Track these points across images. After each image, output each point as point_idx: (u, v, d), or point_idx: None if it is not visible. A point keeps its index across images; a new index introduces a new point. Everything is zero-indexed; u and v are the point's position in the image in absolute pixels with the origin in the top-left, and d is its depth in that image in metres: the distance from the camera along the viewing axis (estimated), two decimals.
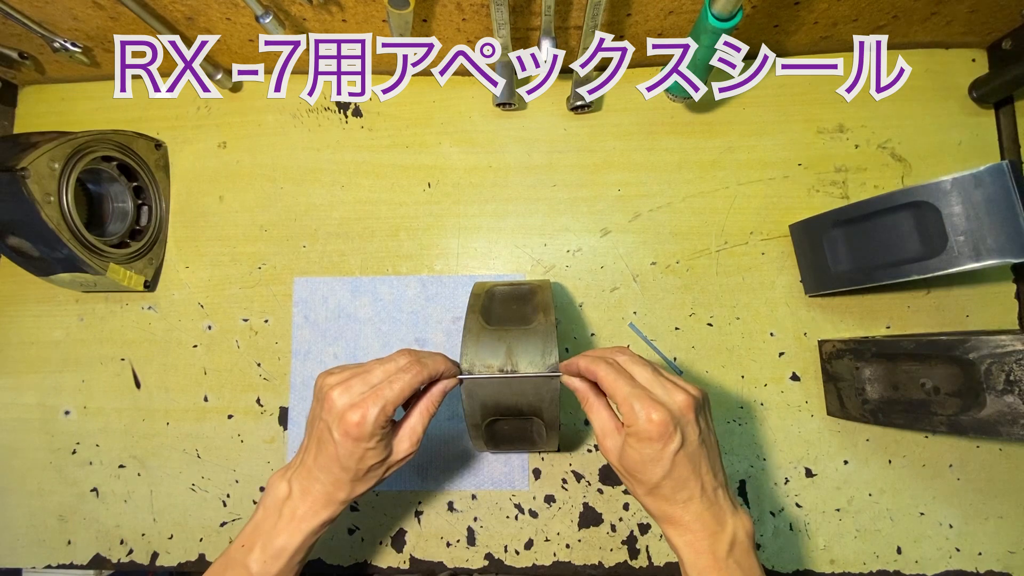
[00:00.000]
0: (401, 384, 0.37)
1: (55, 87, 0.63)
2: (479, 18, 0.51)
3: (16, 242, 0.50)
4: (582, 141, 0.59)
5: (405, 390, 0.37)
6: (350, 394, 0.36)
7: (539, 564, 0.53)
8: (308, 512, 0.38)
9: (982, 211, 0.41)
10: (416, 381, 0.38)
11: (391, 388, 0.36)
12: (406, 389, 0.37)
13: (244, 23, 0.52)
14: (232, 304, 0.58)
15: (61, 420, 0.57)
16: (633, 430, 0.35)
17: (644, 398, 0.35)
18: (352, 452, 0.36)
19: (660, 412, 0.35)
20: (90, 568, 0.55)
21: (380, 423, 0.36)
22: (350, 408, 0.36)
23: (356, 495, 0.39)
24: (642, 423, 0.35)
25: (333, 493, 0.38)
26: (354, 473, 0.37)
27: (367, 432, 0.35)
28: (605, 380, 0.37)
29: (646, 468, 0.35)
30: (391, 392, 0.36)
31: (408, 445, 0.39)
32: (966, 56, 0.58)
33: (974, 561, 0.51)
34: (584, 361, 0.39)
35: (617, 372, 0.38)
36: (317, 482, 0.38)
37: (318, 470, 0.38)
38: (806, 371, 0.54)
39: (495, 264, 0.58)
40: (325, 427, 0.37)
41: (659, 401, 0.35)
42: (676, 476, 0.35)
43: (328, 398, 0.37)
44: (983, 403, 0.40)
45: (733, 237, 0.57)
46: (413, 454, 0.40)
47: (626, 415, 0.36)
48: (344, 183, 0.59)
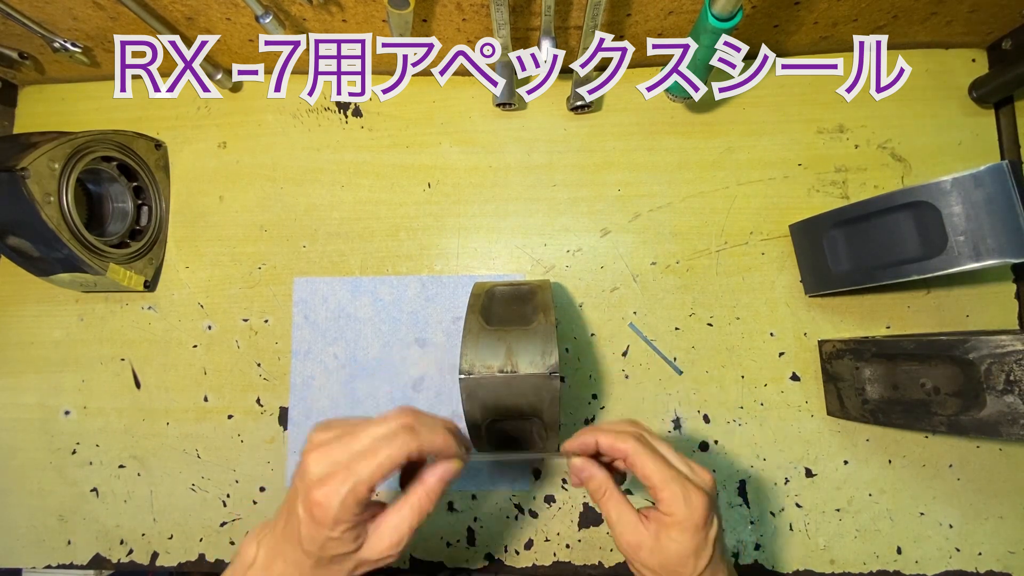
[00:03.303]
0: (380, 460, 0.29)
1: (55, 87, 0.63)
2: (479, 18, 0.51)
3: (16, 242, 0.50)
4: (582, 141, 0.59)
5: (384, 466, 0.29)
6: (324, 462, 0.30)
7: (539, 564, 0.53)
8: None
9: (982, 211, 0.41)
10: (399, 455, 0.30)
11: (367, 464, 0.29)
12: (385, 465, 0.29)
13: (244, 23, 0.52)
14: (232, 304, 0.58)
15: (61, 420, 0.57)
16: (675, 519, 0.32)
17: (685, 482, 0.32)
18: (313, 536, 0.30)
19: (701, 497, 0.32)
20: (90, 568, 0.55)
21: (349, 507, 0.29)
22: (318, 482, 0.29)
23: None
24: (689, 511, 0.31)
25: (293, 575, 0.31)
26: (316, 560, 0.31)
27: (330, 517, 0.29)
28: (638, 461, 0.33)
29: (689, 561, 0.32)
30: (366, 469, 0.29)
31: (387, 545, 0.31)
32: (966, 56, 0.58)
33: (974, 561, 0.51)
34: (607, 438, 0.34)
35: (650, 452, 0.33)
36: (280, 557, 0.32)
37: (284, 542, 0.32)
38: (806, 371, 0.54)
39: (495, 264, 0.58)
40: (295, 496, 0.30)
41: (696, 484, 0.32)
42: (714, 563, 0.33)
43: (304, 463, 0.30)
44: (983, 403, 0.40)
45: (733, 237, 0.57)
46: (393, 558, 0.32)
47: (666, 501, 0.32)
48: (344, 183, 0.59)
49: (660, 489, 0.32)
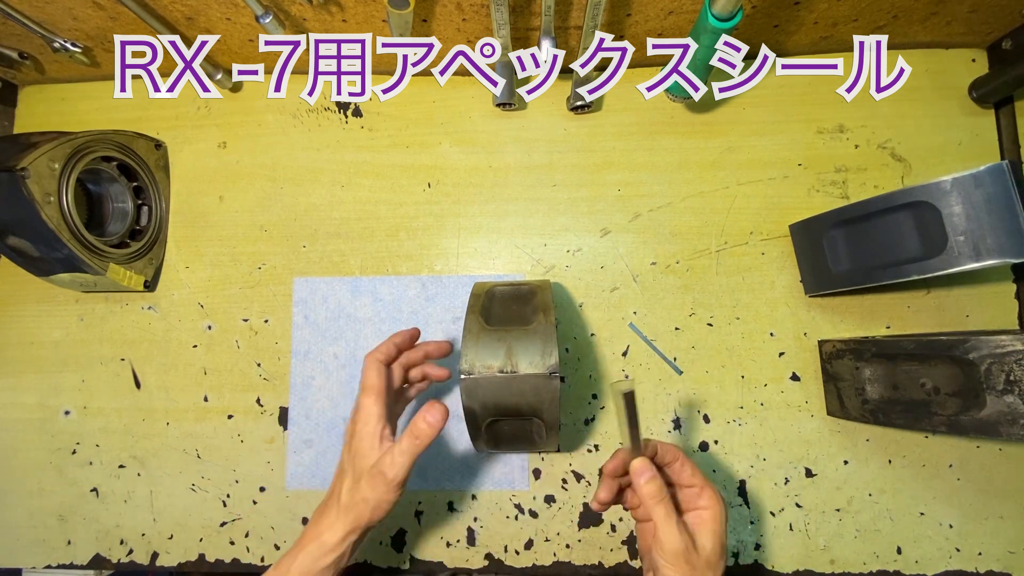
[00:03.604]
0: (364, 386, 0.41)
1: (55, 87, 0.63)
2: (479, 18, 0.51)
3: (16, 242, 0.50)
4: (582, 141, 0.59)
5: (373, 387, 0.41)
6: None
7: (539, 564, 0.53)
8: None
9: (982, 211, 0.41)
10: (374, 376, 0.41)
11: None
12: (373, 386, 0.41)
13: (244, 23, 0.52)
14: (232, 304, 0.58)
15: (61, 420, 0.57)
16: (714, 513, 0.38)
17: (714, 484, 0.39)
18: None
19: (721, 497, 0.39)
20: (90, 568, 0.55)
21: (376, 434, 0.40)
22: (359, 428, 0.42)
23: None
24: (723, 506, 0.38)
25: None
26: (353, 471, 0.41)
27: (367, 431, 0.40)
28: (688, 464, 0.39)
29: (720, 562, 0.37)
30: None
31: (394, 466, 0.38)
32: (966, 56, 0.58)
33: (974, 561, 0.51)
34: (660, 444, 0.40)
35: (685, 457, 0.40)
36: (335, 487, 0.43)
37: (337, 482, 0.43)
38: (806, 371, 0.54)
39: (495, 264, 0.58)
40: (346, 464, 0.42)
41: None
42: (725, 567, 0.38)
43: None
44: (983, 403, 0.40)
45: (733, 237, 0.57)
46: (397, 491, 0.39)
47: (709, 496, 0.38)
48: (344, 183, 0.59)
49: (704, 487, 0.38)
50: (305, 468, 0.55)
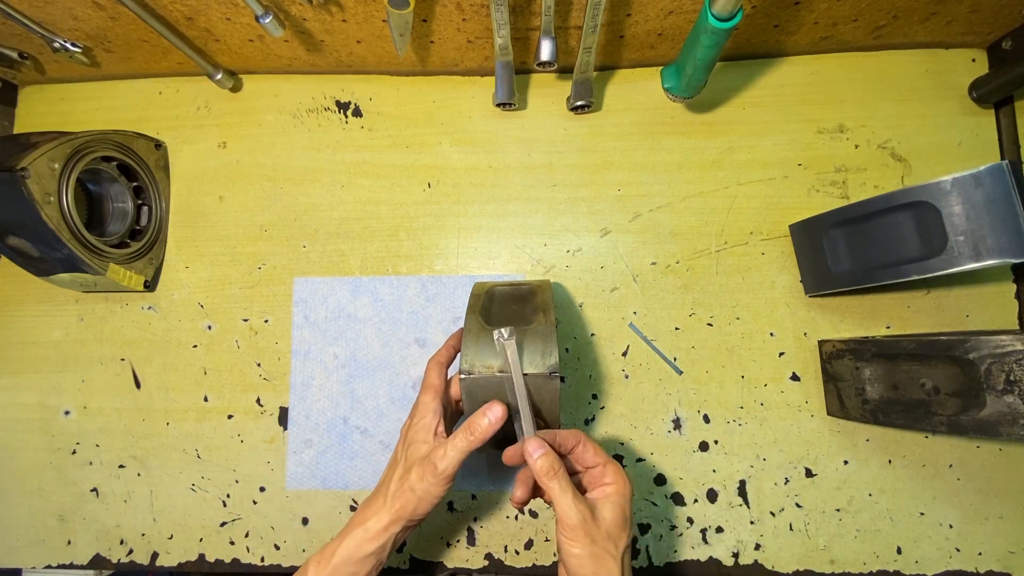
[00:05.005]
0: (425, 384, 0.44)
1: (55, 87, 0.63)
2: (479, 18, 0.51)
3: (16, 242, 0.50)
4: (582, 141, 0.59)
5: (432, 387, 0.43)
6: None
7: (539, 564, 0.53)
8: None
9: (982, 211, 0.41)
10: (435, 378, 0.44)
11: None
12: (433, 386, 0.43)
13: (244, 23, 0.52)
14: (232, 304, 0.58)
15: (61, 420, 0.57)
16: (617, 488, 0.38)
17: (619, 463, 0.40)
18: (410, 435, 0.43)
19: (628, 477, 0.39)
20: (90, 568, 0.55)
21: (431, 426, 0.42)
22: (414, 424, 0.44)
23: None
24: (625, 482, 0.38)
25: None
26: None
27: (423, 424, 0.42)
28: (589, 444, 0.40)
29: (622, 534, 0.37)
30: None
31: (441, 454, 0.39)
32: (966, 56, 0.58)
33: (974, 561, 0.51)
34: (558, 433, 0.41)
35: (594, 441, 0.41)
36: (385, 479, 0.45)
37: (388, 472, 0.45)
38: (806, 371, 0.54)
39: (495, 264, 0.58)
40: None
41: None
42: (629, 550, 0.38)
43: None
44: (983, 403, 0.40)
45: (733, 237, 0.57)
46: (446, 482, 0.39)
47: (611, 473, 0.39)
48: (344, 183, 0.59)
49: (606, 463, 0.39)
50: (305, 468, 0.55)
